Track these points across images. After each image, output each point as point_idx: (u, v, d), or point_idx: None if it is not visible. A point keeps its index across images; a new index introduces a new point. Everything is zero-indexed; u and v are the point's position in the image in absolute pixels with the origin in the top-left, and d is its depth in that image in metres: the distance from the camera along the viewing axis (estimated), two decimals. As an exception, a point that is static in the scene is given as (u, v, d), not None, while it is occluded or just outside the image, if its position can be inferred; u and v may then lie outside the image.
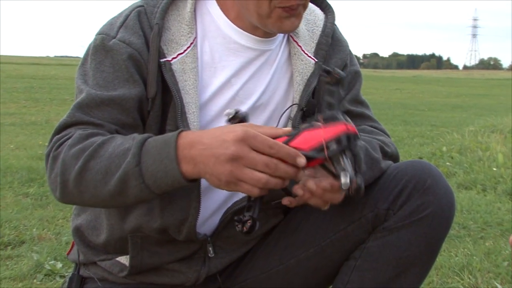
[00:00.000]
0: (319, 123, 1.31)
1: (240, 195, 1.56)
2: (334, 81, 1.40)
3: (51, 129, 1.48)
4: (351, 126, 1.30)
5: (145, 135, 1.38)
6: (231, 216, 1.56)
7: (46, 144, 1.47)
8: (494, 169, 5.27)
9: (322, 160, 1.31)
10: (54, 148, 1.42)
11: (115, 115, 1.47)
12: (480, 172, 5.23)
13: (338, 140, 1.28)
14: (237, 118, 1.39)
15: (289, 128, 1.38)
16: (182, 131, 1.35)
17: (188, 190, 1.48)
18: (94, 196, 1.39)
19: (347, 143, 1.28)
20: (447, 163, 5.73)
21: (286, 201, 1.41)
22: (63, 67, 36.98)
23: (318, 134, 1.30)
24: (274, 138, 1.30)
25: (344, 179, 1.25)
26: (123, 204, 1.44)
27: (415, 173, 1.52)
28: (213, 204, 1.58)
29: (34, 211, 3.78)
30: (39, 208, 3.86)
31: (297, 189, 1.37)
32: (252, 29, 1.55)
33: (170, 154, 1.31)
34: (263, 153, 1.27)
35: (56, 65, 42.46)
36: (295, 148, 1.30)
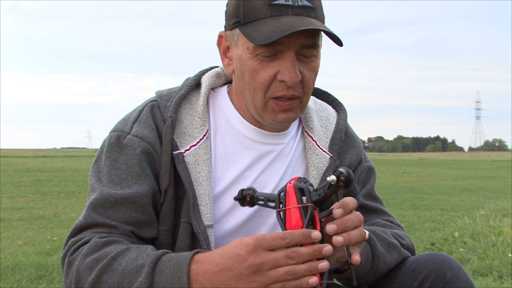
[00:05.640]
0: (279, 208, 1.33)
1: None
2: None
3: (59, 223, 1.48)
4: (292, 179, 1.35)
5: (159, 252, 1.36)
6: None
7: (55, 238, 1.46)
8: (509, 255, 5.18)
9: (315, 212, 1.30)
10: (70, 253, 1.42)
11: (129, 214, 1.47)
12: (495, 258, 5.15)
13: (301, 191, 1.31)
14: (246, 197, 1.41)
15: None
16: (196, 253, 1.33)
17: None
18: None
19: (302, 183, 1.32)
20: (461, 249, 5.65)
21: (355, 260, 1.32)
22: (70, 159, 37.29)
23: (292, 210, 1.31)
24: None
25: (330, 178, 1.27)
26: None
27: (434, 266, 1.49)
28: None
29: (43, 311, 3.72)
30: (48, 307, 3.79)
31: (335, 237, 1.28)
32: (258, 123, 1.56)
33: (182, 279, 1.30)
34: (279, 248, 1.24)
35: (63, 157, 42.84)
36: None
